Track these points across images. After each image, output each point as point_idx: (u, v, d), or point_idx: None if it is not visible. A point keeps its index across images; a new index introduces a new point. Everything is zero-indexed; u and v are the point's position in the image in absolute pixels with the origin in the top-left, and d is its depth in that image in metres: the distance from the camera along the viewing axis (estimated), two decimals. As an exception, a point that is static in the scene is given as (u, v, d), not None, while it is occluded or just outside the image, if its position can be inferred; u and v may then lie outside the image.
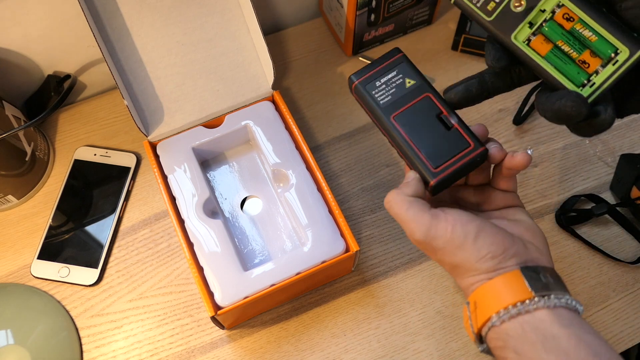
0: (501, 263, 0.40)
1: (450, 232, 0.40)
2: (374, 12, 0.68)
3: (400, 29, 0.74)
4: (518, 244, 0.41)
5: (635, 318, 0.59)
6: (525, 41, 0.39)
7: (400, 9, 0.70)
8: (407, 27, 0.75)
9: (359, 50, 0.74)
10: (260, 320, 0.59)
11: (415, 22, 0.74)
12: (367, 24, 0.70)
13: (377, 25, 0.71)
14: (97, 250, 0.62)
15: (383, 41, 0.75)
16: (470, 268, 0.40)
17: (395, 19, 0.71)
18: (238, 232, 0.59)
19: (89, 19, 0.58)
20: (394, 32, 0.74)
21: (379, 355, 0.57)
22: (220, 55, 0.63)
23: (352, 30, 0.70)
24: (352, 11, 0.67)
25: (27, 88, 0.68)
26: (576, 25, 0.38)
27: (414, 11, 0.72)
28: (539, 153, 0.67)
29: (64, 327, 0.58)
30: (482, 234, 0.40)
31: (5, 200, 0.63)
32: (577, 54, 0.38)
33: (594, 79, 0.37)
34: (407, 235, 0.42)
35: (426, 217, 0.41)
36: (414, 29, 0.76)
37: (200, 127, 0.61)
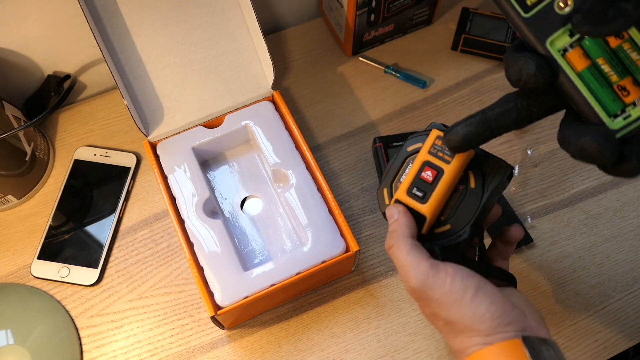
0: (499, 327, 0.37)
1: (449, 284, 0.38)
2: (373, 12, 0.68)
3: (400, 29, 0.74)
4: (517, 309, 0.38)
5: (635, 318, 0.59)
6: (560, 51, 0.33)
7: (400, 9, 0.70)
8: (407, 27, 0.74)
9: (359, 50, 0.74)
10: (260, 320, 0.59)
11: (415, 22, 0.74)
12: (367, 24, 0.69)
13: (377, 25, 0.70)
14: (97, 250, 0.62)
15: (383, 41, 0.74)
16: (465, 327, 0.38)
17: (395, 19, 0.71)
18: (238, 232, 0.59)
19: (89, 19, 0.58)
20: (394, 32, 0.74)
21: (379, 355, 0.57)
22: (220, 55, 0.63)
23: (352, 30, 0.69)
24: (352, 11, 0.66)
25: (27, 88, 0.68)
26: (624, 45, 0.32)
27: (414, 11, 0.72)
28: (539, 153, 0.67)
29: (64, 327, 0.58)
30: (482, 292, 0.38)
31: (5, 200, 0.63)
32: (617, 77, 0.33)
33: (630, 110, 0.33)
34: (403, 282, 0.39)
35: (425, 264, 0.38)
36: (414, 29, 0.75)
37: (200, 127, 0.61)
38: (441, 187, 0.42)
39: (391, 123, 0.69)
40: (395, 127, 0.69)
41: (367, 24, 0.69)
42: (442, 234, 0.44)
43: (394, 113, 0.70)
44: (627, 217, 0.64)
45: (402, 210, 0.42)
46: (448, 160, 0.43)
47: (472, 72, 0.73)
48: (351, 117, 0.70)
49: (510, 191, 0.65)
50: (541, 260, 0.61)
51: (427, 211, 0.42)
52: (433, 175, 0.43)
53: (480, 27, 0.72)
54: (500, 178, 0.44)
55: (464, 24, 0.73)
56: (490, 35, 0.72)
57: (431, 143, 0.44)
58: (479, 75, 0.73)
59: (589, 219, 0.64)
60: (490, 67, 0.73)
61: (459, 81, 0.72)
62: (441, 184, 0.43)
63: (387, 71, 0.72)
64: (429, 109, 0.70)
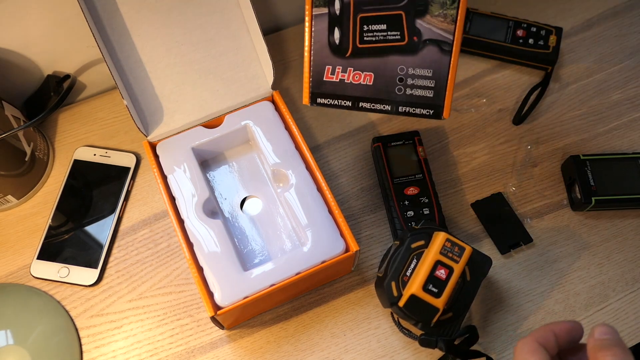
0: None
1: None
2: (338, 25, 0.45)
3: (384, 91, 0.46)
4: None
5: (635, 318, 0.58)
6: None
7: (382, 45, 0.45)
8: (399, 101, 0.46)
9: (317, 98, 0.47)
10: (260, 320, 0.59)
11: (412, 97, 0.46)
12: (328, 47, 0.46)
13: (344, 57, 0.46)
14: (97, 251, 0.62)
15: (358, 104, 0.46)
16: None
17: (375, 64, 0.46)
18: (238, 232, 0.59)
19: (89, 19, 0.58)
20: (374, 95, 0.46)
21: (379, 355, 0.57)
22: (220, 55, 0.63)
23: (309, 56, 0.46)
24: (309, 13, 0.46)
25: (27, 88, 0.68)
26: None
27: (408, 68, 0.45)
28: (539, 153, 0.67)
29: (64, 327, 0.58)
30: None
31: (5, 200, 0.63)
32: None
33: None
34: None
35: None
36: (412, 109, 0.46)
37: (199, 127, 0.61)
38: (452, 283, 0.50)
39: (391, 123, 0.69)
40: (395, 127, 0.69)
41: (330, 47, 0.46)
42: (445, 321, 0.52)
43: (394, 113, 0.70)
44: (627, 217, 0.63)
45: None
46: (457, 260, 0.51)
47: (472, 72, 0.73)
48: (351, 117, 0.70)
49: (510, 191, 0.65)
50: (541, 260, 0.61)
51: (441, 304, 0.50)
52: (446, 274, 0.51)
53: (480, 27, 0.72)
54: (487, 270, 0.53)
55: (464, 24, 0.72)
56: (490, 35, 0.72)
57: (441, 245, 0.51)
58: (479, 75, 0.73)
59: (588, 219, 0.63)
60: (490, 67, 0.73)
61: (458, 81, 0.72)
62: (452, 280, 0.50)
63: None
64: (428, 109, 0.70)
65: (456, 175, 0.66)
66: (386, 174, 0.63)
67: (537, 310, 0.59)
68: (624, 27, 0.76)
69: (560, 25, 0.74)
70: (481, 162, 0.67)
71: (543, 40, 0.71)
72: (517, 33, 0.72)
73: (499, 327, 0.58)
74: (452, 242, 0.52)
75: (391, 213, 0.61)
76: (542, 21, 0.75)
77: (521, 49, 0.71)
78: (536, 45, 0.71)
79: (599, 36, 0.75)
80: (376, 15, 0.44)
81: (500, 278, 0.60)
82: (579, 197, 0.62)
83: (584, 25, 0.76)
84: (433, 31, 0.44)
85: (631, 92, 0.71)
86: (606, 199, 0.61)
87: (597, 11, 0.77)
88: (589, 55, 0.74)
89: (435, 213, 0.61)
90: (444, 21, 0.44)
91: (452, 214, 0.64)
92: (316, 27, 0.46)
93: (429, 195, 0.61)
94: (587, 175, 0.62)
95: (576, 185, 0.62)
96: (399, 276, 0.52)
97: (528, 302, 0.59)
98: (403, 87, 0.46)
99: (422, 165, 0.63)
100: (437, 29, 0.44)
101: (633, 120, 0.69)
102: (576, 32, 0.75)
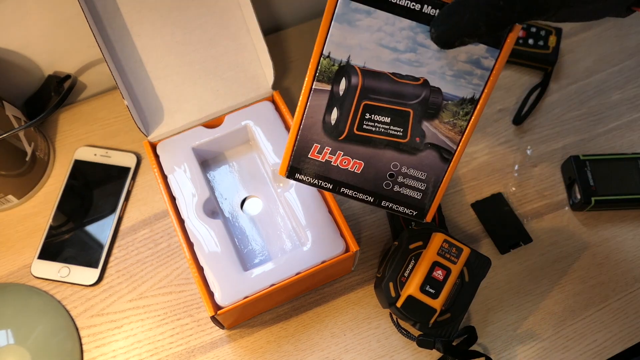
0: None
1: None
2: (338, 106, 0.42)
3: (371, 183, 0.43)
4: None
5: (635, 318, 0.59)
6: None
7: (380, 137, 0.42)
8: (385, 195, 0.43)
9: (295, 174, 0.43)
10: (260, 320, 0.59)
11: (400, 195, 0.43)
12: (322, 125, 0.42)
13: (337, 139, 0.42)
14: (97, 250, 0.62)
15: (339, 189, 0.43)
16: None
17: (368, 154, 0.42)
18: (238, 232, 0.59)
19: (89, 19, 0.58)
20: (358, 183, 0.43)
21: (379, 355, 0.57)
22: (220, 56, 0.63)
23: (297, 128, 0.42)
24: (309, 83, 0.42)
25: (27, 88, 0.69)
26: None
27: (402, 167, 0.43)
28: (539, 153, 0.67)
29: (64, 327, 0.58)
30: None
31: (5, 200, 0.63)
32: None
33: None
34: None
35: None
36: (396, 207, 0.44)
37: (200, 127, 0.61)
38: (449, 284, 0.51)
39: (391, 123, 0.69)
40: (395, 127, 0.69)
41: (323, 126, 0.42)
42: (444, 322, 0.52)
43: (394, 113, 0.70)
44: (627, 217, 0.64)
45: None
46: (455, 261, 0.52)
47: (472, 72, 0.73)
48: (351, 117, 0.70)
49: (510, 191, 0.65)
50: (541, 260, 0.61)
51: (439, 305, 0.51)
52: (443, 275, 0.51)
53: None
54: (486, 271, 0.53)
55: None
56: (490, 35, 0.72)
57: (439, 245, 0.52)
58: (479, 75, 0.72)
59: (588, 219, 0.64)
60: (490, 67, 0.73)
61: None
62: (449, 281, 0.51)
63: None
64: (429, 109, 0.70)
65: (456, 175, 0.66)
66: None
67: (537, 310, 0.59)
68: (624, 27, 0.76)
69: (560, 25, 0.74)
70: (481, 162, 0.67)
71: (543, 40, 0.71)
72: (517, 33, 0.71)
73: (499, 327, 0.58)
74: (449, 243, 0.52)
75: (391, 213, 0.62)
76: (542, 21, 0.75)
77: (521, 49, 0.71)
78: (536, 46, 0.71)
79: (599, 36, 0.75)
80: (382, 106, 0.41)
81: (500, 278, 0.61)
82: (578, 197, 0.62)
83: (584, 25, 0.76)
84: (438, 137, 0.42)
85: (631, 92, 0.71)
86: (606, 199, 0.61)
87: (597, 11, 0.77)
88: (589, 55, 0.74)
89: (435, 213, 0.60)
90: (451, 130, 0.42)
91: (452, 214, 0.64)
92: (313, 102, 0.42)
93: (429, 195, 0.61)
94: (587, 176, 0.62)
95: (576, 186, 0.62)
96: (397, 277, 0.52)
97: (528, 302, 0.59)
98: (392, 183, 0.43)
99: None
100: (442, 135, 0.42)
101: (633, 121, 0.69)
102: (576, 32, 0.75)
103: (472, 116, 0.41)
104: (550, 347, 0.57)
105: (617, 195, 0.61)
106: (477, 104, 0.41)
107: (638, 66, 0.73)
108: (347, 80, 0.41)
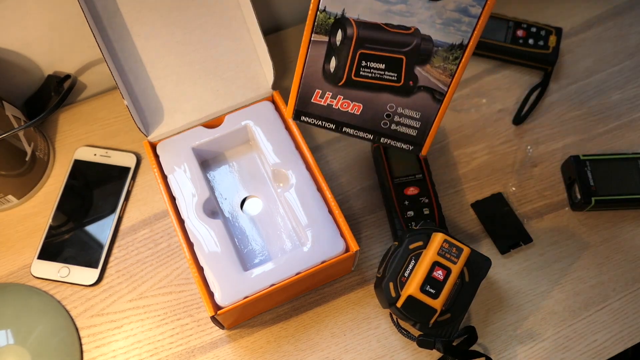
0: None
1: None
2: (336, 54, 0.46)
3: (370, 122, 0.48)
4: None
5: (635, 318, 0.59)
6: None
7: (376, 82, 0.46)
8: (382, 132, 0.48)
9: (301, 115, 0.49)
10: (260, 320, 0.59)
11: (396, 132, 0.48)
12: (322, 72, 0.47)
13: (337, 85, 0.47)
14: (97, 250, 0.62)
15: (341, 128, 0.48)
16: None
17: (366, 97, 0.47)
18: (238, 232, 0.59)
19: (89, 19, 0.58)
20: (359, 123, 0.48)
21: (379, 355, 0.57)
22: (220, 56, 0.63)
23: (300, 71, 0.47)
24: (307, 37, 0.47)
25: (27, 88, 0.68)
26: None
27: (397, 107, 0.47)
28: (539, 153, 0.67)
29: (64, 327, 0.58)
30: None
31: (5, 200, 0.63)
32: None
33: None
34: None
35: None
36: (394, 142, 0.49)
37: (200, 127, 0.61)
38: (449, 284, 0.51)
39: (391, 123, 0.69)
40: (395, 127, 0.69)
41: (323, 73, 0.47)
42: (444, 322, 0.52)
43: (394, 113, 0.70)
44: (627, 218, 0.64)
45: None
46: (455, 261, 0.51)
47: (472, 72, 0.73)
48: (351, 117, 0.70)
49: (511, 191, 0.65)
50: (541, 260, 0.61)
51: (439, 305, 0.51)
52: (444, 275, 0.51)
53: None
54: (486, 271, 0.53)
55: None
56: (489, 35, 0.72)
57: (439, 245, 0.52)
58: (479, 75, 0.73)
59: (589, 219, 0.64)
60: (490, 67, 0.73)
61: (459, 81, 0.72)
62: (450, 281, 0.51)
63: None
64: (429, 109, 0.70)
65: (456, 175, 0.66)
66: (386, 174, 0.63)
67: (537, 311, 0.59)
68: (624, 27, 0.76)
69: (560, 25, 0.74)
70: (481, 162, 0.67)
71: (543, 40, 0.71)
72: (517, 33, 0.72)
73: (499, 327, 0.58)
74: (450, 243, 0.52)
75: (391, 213, 0.62)
76: (542, 21, 0.75)
77: (521, 49, 0.71)
78: (536, 46, 0.71)
79: (599, 36, 0.75)
80: (377, 54, 0.45)
81: (500, 278, 0.61)
82: (578, 197, 0.62)
83: (584, 25, 0.76)
84: (430, 80, 0.46)
85: (631, 92, 0.71)
86: (606, 199, 0.61)
87: (597, 11, 0.77)
88: (589, 55, 0.74)
89: (435, 213, 0.61)
90: (442, 73, 0.45)
91: (452, 214, 0.64)
92: (312, 53, 0.46)
93: (429, 196, 0.61)
94: (586, 176, 0.62)
95: (576, 186, 0.62)
96: (397, 277, 0.52)
97: (528, 302, 0.59)
98: (389, 122, 0.48)
99: (422, 165, 0.63)
100: (434, 78, 0.45)
101: (633, 121, 0.69)
102: (576, 32, 0.75)
103: (462, 60, 0.44)
104: (550, 347, 0.57)
105: (618, 196, 0.61)
106: (465, 49, 0.43)
107: (638, 66, 0.73)
108: (343, 32, 0.45)
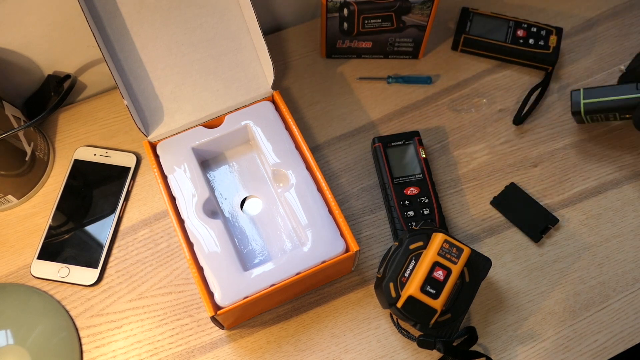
0: None
1: None
2: (346, 20, 0.67)
3: (379, 50, 0.72)
4: None
5: (635, 318, 0.59)
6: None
7: (377, 29, 0.69)
8: (389, 52, 0.73)
9: (332, 55, 0.73)
10: (260, 320, 0.59)
11: (399, 51, 0.72)
12: (339, 31, 0.69)
13: (351, 36, 0.70)
14: (97, 250, 0.62)
15: (360, 55, 0.73)
16: None
17: (373, 38, 0.70)
18: (238, 232, 0.59)
19: (89, 19, 0.58)
20: (372, 51, 0.73)
21: (379, 355, 0.57)
22: (220, 56, 0.63)
23: (324, 33, 0.69)
24: (324, 13, 0.67)
25: (27, 88, 0.68)
26: None
27: (396, 38, 0.70)
28: (539, 153, 0.67)
29: (64, 327, 0.58)
30: None
31: (5, 200, 0.63)
32: None
33: None
34: None
35: None
36: (398, 56, 0.73)
37: (200, 127, 0.61)
38: (450, 284, 0.51)
39: (391, 123, 0.69)
40: (394, 127, 0.69)
41: (340, 32, 0.69)
42: (444, 322, 0.52)
43: (394, 113, 0.70)
44: (627, 217, 0.64)
45: None
46: (455, 261, 0.51)
47: (472, 72, 0.73)
48: (351, 117, 0.70)
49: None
50: (541, 260, 0.61)
51: (439, 306, 0.50)
52: (444, 275, 0.51)
53: (480, 27, 0.72)
54: (487, 271, 0.53)
55: (464, 24, 0.73)
56: (490, 35, 0.72)
57: (439, 246, 0.52)
58: (479, 75, 0.73)
59: (589, 219, 0.64)
60: (490, 67, 0.73)
61: (459, 81, 0.72)
62: (450, 282, 0.51)
63: (390, 82, 0.72)
64: (428, 109, 0.70)
65: (456, 175, 0.66)
66: (386, 174, 0.63)
67: (537, 311, 0.59)
68: (624, 27, 0.76)
69: (560, 25, 0.74)
70: (481, 162, 0.67)
71: (543, 40, 0.71)
72: (517, 33, 0.72)
73: (499, 327, 0.58)
74: (450, 244, 0.52)
75: (391, 213, 0.62)
76: (542, 21, 0.75)
77: (521, 49, 0.71)
78: (536, 46, 0.71)
79: (599, 36, 0.75)
80: (374, 15, 0.67)
81: (500, 278, 0.60)
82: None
83: (584, 25, 0.76)
84: (414, 21, 0.68)
85: (631, 92, 0.71)
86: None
87: (597, 11, 0.77)
88: (589, 55, 0.74)
89: (435, 213, 0.61)
90: (421, 16, 0.67)
91: (452, 214, 0.64)
92: (329, 23, 0.68)
93: (429, 196, 0.61)
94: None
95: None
96: (397, 277, 0.52)
97: (528, 302, 0.59)
98: (392, 47, 0.72)
99: (422, 165, 0.63)
100: (417, 20, 0.68)
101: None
102: (576, 32, 0.75)
103: (433, 7, 0.65)
104: (550, 348, 0.57)
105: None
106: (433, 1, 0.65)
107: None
108: (348, 9, 0.66)
